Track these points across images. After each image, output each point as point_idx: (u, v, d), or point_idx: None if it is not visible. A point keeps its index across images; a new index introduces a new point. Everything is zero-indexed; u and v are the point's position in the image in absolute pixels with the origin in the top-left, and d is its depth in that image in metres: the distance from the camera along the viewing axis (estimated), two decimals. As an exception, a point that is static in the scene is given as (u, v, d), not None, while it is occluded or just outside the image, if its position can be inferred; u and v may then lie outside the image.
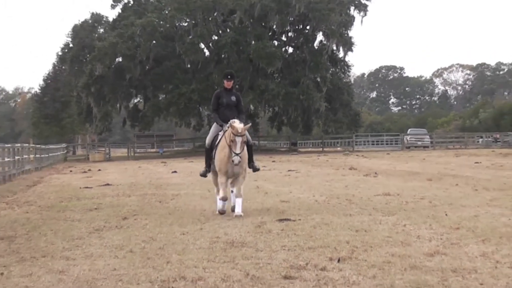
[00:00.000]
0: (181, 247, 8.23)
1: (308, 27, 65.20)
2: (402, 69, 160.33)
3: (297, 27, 66.47)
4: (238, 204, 11.29)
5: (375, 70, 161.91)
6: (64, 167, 40.69)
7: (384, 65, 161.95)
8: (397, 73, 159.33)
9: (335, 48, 65.08)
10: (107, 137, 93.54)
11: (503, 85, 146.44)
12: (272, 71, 61.89)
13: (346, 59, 68.76)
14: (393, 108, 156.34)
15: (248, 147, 11.72)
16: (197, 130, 71.51)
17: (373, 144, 72.40)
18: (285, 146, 74.44)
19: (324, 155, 48.85)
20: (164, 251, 8.02)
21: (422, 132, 69.62)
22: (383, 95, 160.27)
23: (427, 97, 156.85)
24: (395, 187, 16.07)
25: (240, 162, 11.11)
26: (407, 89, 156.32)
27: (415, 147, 61.53)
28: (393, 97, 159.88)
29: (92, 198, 15.85)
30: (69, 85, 77.56)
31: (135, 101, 72.35)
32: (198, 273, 6.64)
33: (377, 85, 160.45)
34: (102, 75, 61.70)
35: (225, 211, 11.40)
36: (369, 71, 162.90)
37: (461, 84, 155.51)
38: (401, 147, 62.82)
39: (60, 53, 70.59)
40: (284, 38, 67.73)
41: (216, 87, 41.29)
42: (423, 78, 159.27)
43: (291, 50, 66.93)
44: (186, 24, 64.31)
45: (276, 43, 65.22)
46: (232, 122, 11.28)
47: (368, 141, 73.90)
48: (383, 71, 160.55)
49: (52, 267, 7.19)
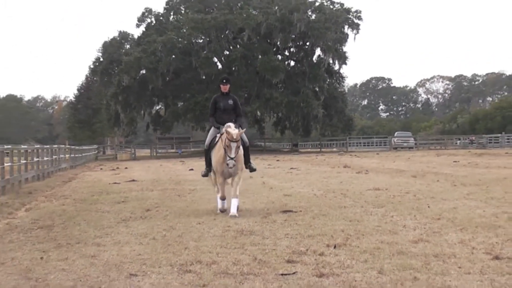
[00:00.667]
0: (197, 235, 8.21)
1: (307, 44, 65.24)
2: (390, 80, 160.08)
3: (298, 43, 66.49)
4: (234, 205, 10.24)
5: (366, 80, 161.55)
6: (95, 165, 40.70)
7: (374, 76, 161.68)
8: (386, 84, 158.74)
9: (331, 61, 65.22)
10: (133, 139, 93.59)
11: (478, 94, 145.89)
12: (276, 82, 61.83)
13: (341, 71, 69.32)
14: (382, 114, 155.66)
15: (245, 148, 10.80)
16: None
17: (364, 146, 72.32)
18: (287, 147, 74.45)
19: (322, 155, 48.76)
20: (183, 238, 8.01)
21: (408, 135, 69.45)
22: (373, 102, 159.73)
23: (411, 104, 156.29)
24: (383, 183, 16.02)
25: (234, 165, 10.24)
26: (394, 97, 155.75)
27: (401, 148, 61.29)
28: (382, 104, 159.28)
29: (119, 192, 15.82)
30: (99, 94, 77.72)
31: (157, 108, 72.38)
32: (212, 257, 6.63)
33: (368, 94, 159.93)
34: (128, 86, 61.91)
35: (225, 209, 10.64)
36: (361, 81, 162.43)
37: (441, 93, 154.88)
38: (389, 148, 62.66)
39: (92, 66, 70.54)
40: (286, 53, 67.71)
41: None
42: (408, 88, 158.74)
43: (292, 63, 66.99)
44: (201, 41, 64.35)
45: (279, 57, 65.29)
46: (227, 126, 10.36)
47: (360, 143, 73.89)
48: (373, 81, 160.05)
49: (85, 252, 7.19)
